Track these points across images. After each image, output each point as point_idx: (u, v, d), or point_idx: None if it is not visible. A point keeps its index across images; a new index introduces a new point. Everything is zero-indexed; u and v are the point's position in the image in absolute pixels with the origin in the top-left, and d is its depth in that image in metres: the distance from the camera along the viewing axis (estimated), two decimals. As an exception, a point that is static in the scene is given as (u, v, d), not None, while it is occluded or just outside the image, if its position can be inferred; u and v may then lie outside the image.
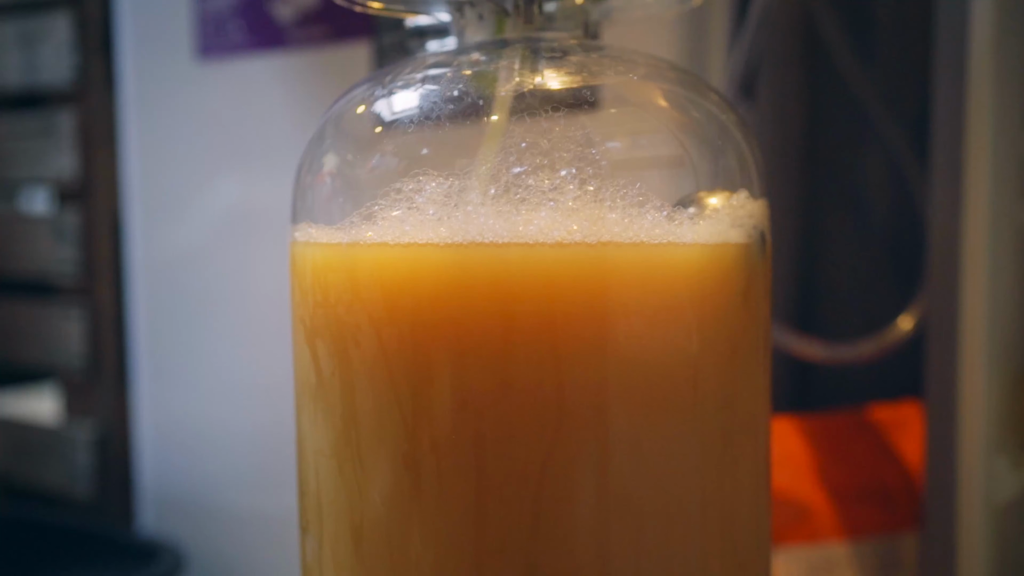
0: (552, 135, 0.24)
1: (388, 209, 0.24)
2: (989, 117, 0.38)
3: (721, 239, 0.25)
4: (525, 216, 0.23)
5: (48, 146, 0.65)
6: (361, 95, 0.28)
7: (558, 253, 0.23)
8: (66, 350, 0.65)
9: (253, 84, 0.53)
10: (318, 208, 0.28)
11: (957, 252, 0.39)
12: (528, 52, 0.26)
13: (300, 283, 0.27)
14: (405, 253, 0.24)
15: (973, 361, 0.38)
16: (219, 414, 0.58)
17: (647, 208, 0.24)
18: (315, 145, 0.29)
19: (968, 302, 0.38)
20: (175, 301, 0.59)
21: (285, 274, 0.50)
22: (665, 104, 0.27)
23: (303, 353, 0.27)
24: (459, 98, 0.25)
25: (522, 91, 0.25)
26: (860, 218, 0.48)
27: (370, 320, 0.24)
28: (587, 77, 0.26)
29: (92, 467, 0.64)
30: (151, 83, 0.58)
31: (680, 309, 0.24)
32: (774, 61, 0.46)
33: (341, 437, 0.26)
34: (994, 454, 0.39)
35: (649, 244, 0.24)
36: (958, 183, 0.38)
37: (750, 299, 0.26)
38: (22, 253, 0.67)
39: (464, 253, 0.23)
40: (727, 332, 0.26)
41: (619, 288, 0.24)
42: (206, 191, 0.56)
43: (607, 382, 0.24)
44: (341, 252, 0.25)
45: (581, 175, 0.24)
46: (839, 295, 0.49)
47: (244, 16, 0.53)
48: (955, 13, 0.38)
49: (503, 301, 0.23)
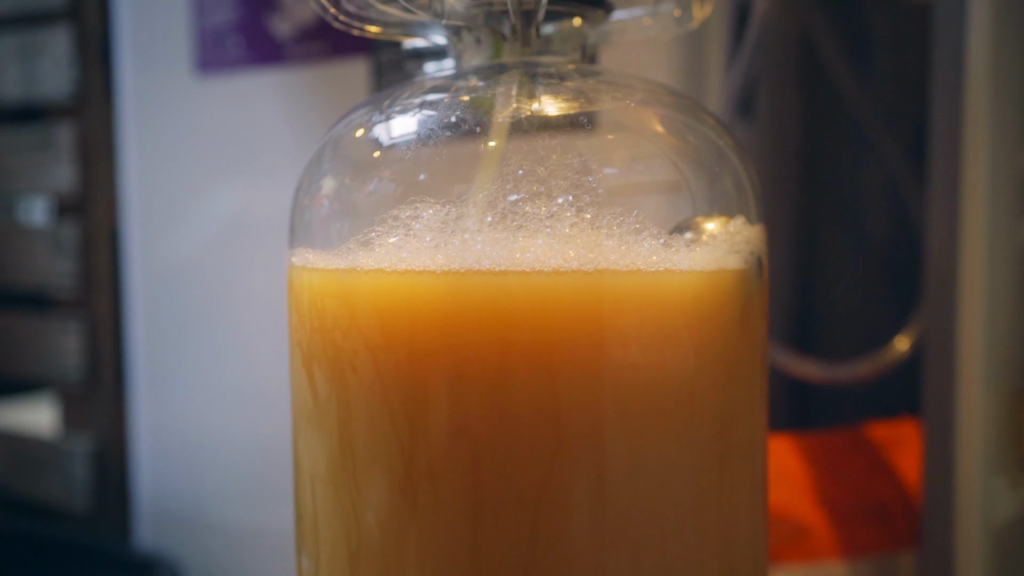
0: (549, 162, 0.24)
1: (385, 236, 0.24)
2: (986, 135, 0.38)
3: (718, 266, 0.25)
4: (522, 244, 0.23)
5: (47, 159, 0.65)
6: (360, 119, 0.28)
7: (555, 281, 0.23)
8: (64, 363, 0.65)
9: (251, 99, 0.53)
10: (315, 230, 0.28)
11: (954, 270, 0.39)
12: (525, 78, 0.26)
13: (297, 307, 0.27)
14: (402, 280, 0.24)
15: (971, 380, 0.38)
16: (217, 427, 0.57)
17: (644, 235, 0.24)
18: (313, 167, 0.29)
19: (965, 320, 0.38)
20: (173, 314, 0.59)
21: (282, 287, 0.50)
22: (662, 130, 0.27)
23: (300, 377, 0.27)
24: (456, 124, 0.25)
25: (519, 118, 0.25)
26: (857, 235, 0.48)
27: (367, 346, 0.24)
28: (584, 103, 0.26)
29: (89, 480, 0.64)
30: (150, 97, 0.58)
31: (677, 336, 0.24)
32: (771, 79, 0.46)
33: (338, 462, 0.26)
34: (992, 474, 0.39)
35: (646, 272, 0.24)
36: (955, 201, 0.39)
37: (747, 324, 0.26)
38: (21, 265, 0.67)
39: (461, 281, 0.23)
40: (724, 358, 0.26)
41: (616, 316, 0.24)
42: (204, 204, 0.56)
43: (603, 409, 0.24)
44: (338, 278, 0.25)
45: (578, 203, 0.24)
46: (836, 312, 0.49)
47: (243, 32, 0.53)
48: (952, 31, 0.38)
49: (500, 328, 0.23)
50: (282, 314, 0.55)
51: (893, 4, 0.47)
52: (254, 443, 0.56)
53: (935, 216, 0.39)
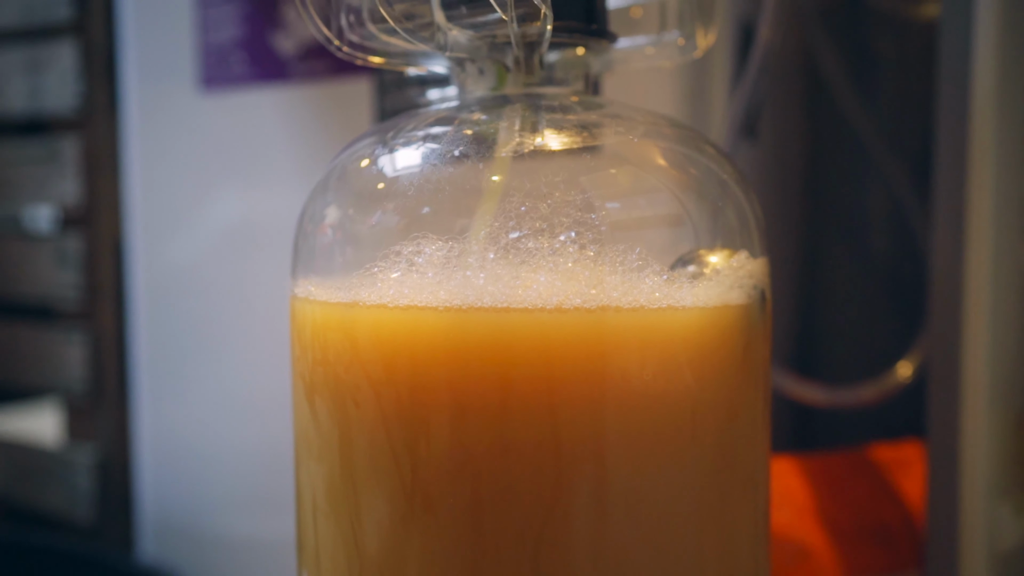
0: (552, 199, 0.24)
1: (388, 270, 0.24)
2: (992, 156, 0.38)
3: (721, 301, 0.25)
4: (524, 281, 0.23)
5: (52, 172, 0.65)
6: (365, 149, 0.28)
7: (557, 318, 0.23)
8: (68, 374, 0.65)
9: (255, 116, 0.53)
10: (319, 258, 0.28)
11: (959, 292, 0.38)
12: (528, 111, 0.26)
13: (299, 338, 0.27)
14: (404, 316, 0.24)
15: (975, 404, 0.38)
16: (219, 439, 0.57)
17: (646, 272, 0.24)
18: (319, 194, 0.29)
19: (970, 343, 0.38)
20: (176, 326, 0.59)
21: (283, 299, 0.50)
22: (664, 163, 0.27)
23: (302, 408, 0.27)
24: (460, 159, 0.25)
25: (522, 152, 0.25)
26: (861, 256, 0.48)
27: (369, 381, 0.24)
28: (587, 138, 0.26)
29: (92, 491, 0.64)
30: (154, 111, 0.58)
31: (679, 372, 0.24)
32: (775, 99, 0.46)
33: (340, 494, 0.26)
34: (997, 499, 0.38)
35: (648, 309, 0.24)
36: (960, 223, 0.38)
37: (749, 359, 0.26)
38: (26, 277, 0.67)
39: (463, 317, 0.23)
40: (726, 392, 0.26)
41: (618, 353, 0.24)
42: (207, 217, 0.56)
43: (605, 445, 0.24)
44: (340, 312, 0.25)
45: (581, 239, 0.24)
46: (840, 333, 0.49)
47: (247, 49, 0.53)
48: (958, 50, 0.38)
49: (501, 366, 0.23)
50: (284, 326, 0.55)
51: (898, 23, 0.47)
52: (257, 454, 0.56)
53: (940, 238, 0.38)
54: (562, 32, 0.27)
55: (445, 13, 0.26)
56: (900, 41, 0.48)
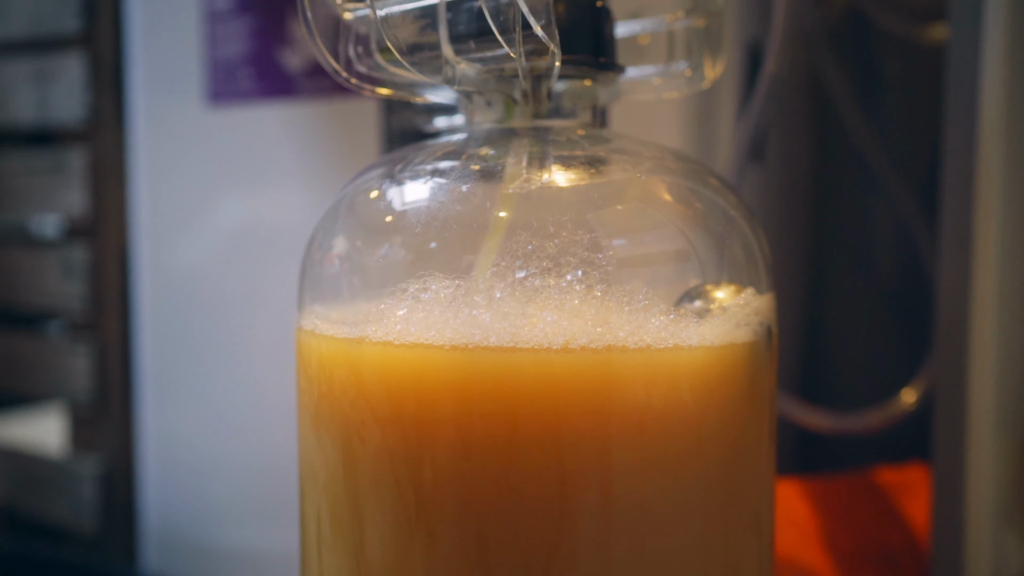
0: (560, 238, 0.24)
1: (394, 307, 0.24)
2: (1000, 180, 0.38)
3: (727, 340, 0.25)
4: (531, 320, 0.23)
5: (59, 182, 0.65)
6: (374, 180, 0.28)
7: (563, 359, 0.23)
8: (73, 384, 0.66)
9: (261, 131, 0.53)
10: (326, 287, 0.28)
11: (965, 317, 0.38)
12: (536, 147, 0.26)
13: (305, 371, 0.27)
14: (410, 354, 0.24)
15: (981, 431, 0.38)
16: (224, 451, 0.58)
17: (653, 311, 0.24)
18: (328, 223, 0.29)
19: (976, 369, 0.38)
20: (182, 337, 0.59)
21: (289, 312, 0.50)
22: (669, 198, 0.27)
23: (308, 440, 0.27)
24: (467, 195, 0.25)
25: (529, 189, 0.25)
26: (867, 279, 0.48)
27: (374, 418, 0.24)
28: (594, 174, 0.26)
29: (97, 502, 0.65)
30: (161, 124, 0.59)
31: (685, 412, 0.24)
32: (781, 121, 0.46)
33: (344, 527, 0.26)
34: (1002, 527, 0.38)
35: (655, 349, 0.24)
36: (967, 247, 0.38)
37: (755, 395, 0.26)
38: (31, 287, 0.67)
39: (468, 357, 0.23)
40: (732, 431, 0.26)
41: (624, 393, 0.24)
42: (213, 230, 0.57)
43: (610, 486, 0.24)
44: (346, 348, 0.25)
45: (587, 279, 0.24)
46: (845, 356, 0.49)
47: (254, 64, 0.53)
48: (966, 72, 0.38)
49: (507, 405, 0.23)
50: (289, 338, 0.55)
51: (904, 45, 0.47)
52: (262, 466, 0.56)
53: (946, 261, 0.38)
54: (570, 65, 0.27)
55: (453, 47, 0.26)
56: (906, 63, 0.47)
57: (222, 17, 0.54)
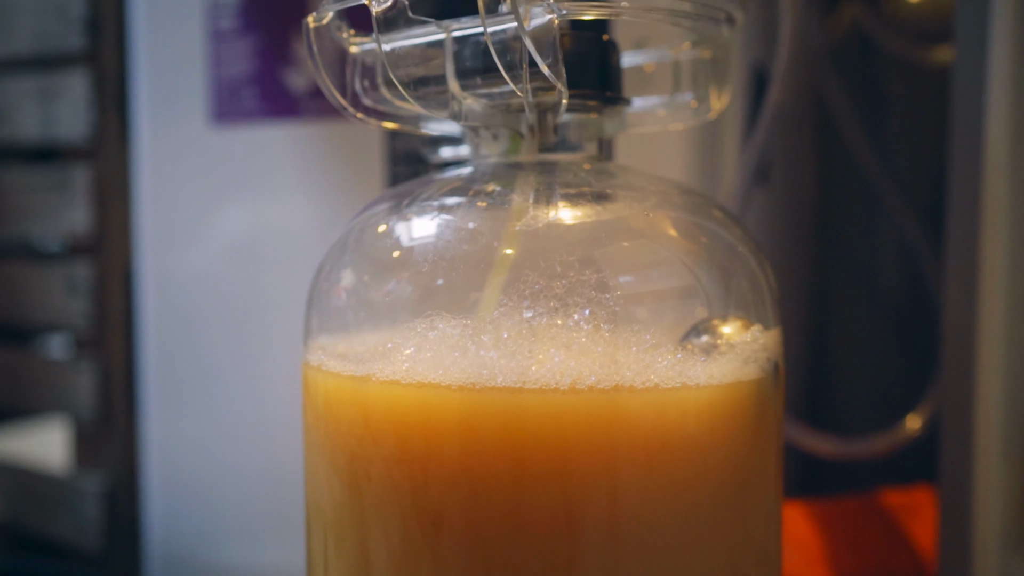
0: (567, 278, 0.24)
1: (401, 346, 0.24)
2: (1006, 202, 0.38)
3: (735, 378, 0.25)
4: (538, 360, 0.23)
5: (63, 199, 0.65)
6: (382, 214, 0.28)
7: (571, 399, 0.23)
8: (76, 401, 0.66)
9: (266, 151, 0.53)
10: (332, 319, 0.28)
11: (972, 340, 0.38)
12: (542, 183, 0.26)
13: (312, 406, 0.27)
14: (417, 393, 0.24)
15: (987, 456, 0.38)
16: (229, 469, 0.58)
17: (661, 351, 0.24)
18: (336, 255, 0.29)
19: (983, 393, 0.38)
20: (186, 355, 0.59)
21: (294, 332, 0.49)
22: (675, 234, 0.27)
23: (315, 476, 0.27)
24: (474, 233, 0.25)
25: (536, 227, 0.25)
26: (872, 301, 0.48)
27: (381, 456, 0.24)
28: (600, 211, 0.26)
29: (101, 520, 0.64)
30: (165, 143, 0.59)
31: (693, 451, 0.24)
32: (786, 143, 0.46)
33: (351, 565, 0.26)
34: (1009, 553, 0.38)
35: (662, 388, 0.24)
36: (973, 269, 0.38)
37: (762, 431, 0.26)
38: (35, 304, 0.67)
39: (476, 397, 0.23)
40: (739, 467, 0.26)
41: (631, 433, 0.23)
42: (217, 248, 0.57)
43: (617, 525, 0.24)
44: (353, 386, 0.25)
45: (595, 319, 0.24)
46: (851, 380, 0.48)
47: (258, 84, 0.53)
48: (971, 94, 0.38)
49: (515, 446, 0.23)
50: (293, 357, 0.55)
51: (909, 67, 0.47)
52: (266, 484, 0.56)
53: (952, 285, 0.38)
54: (577, 99, 0.27)
55: (460, 82, 0.26)
56: (911, 84, 0.47)
57: (226, 37, 0.54)
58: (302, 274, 0.52)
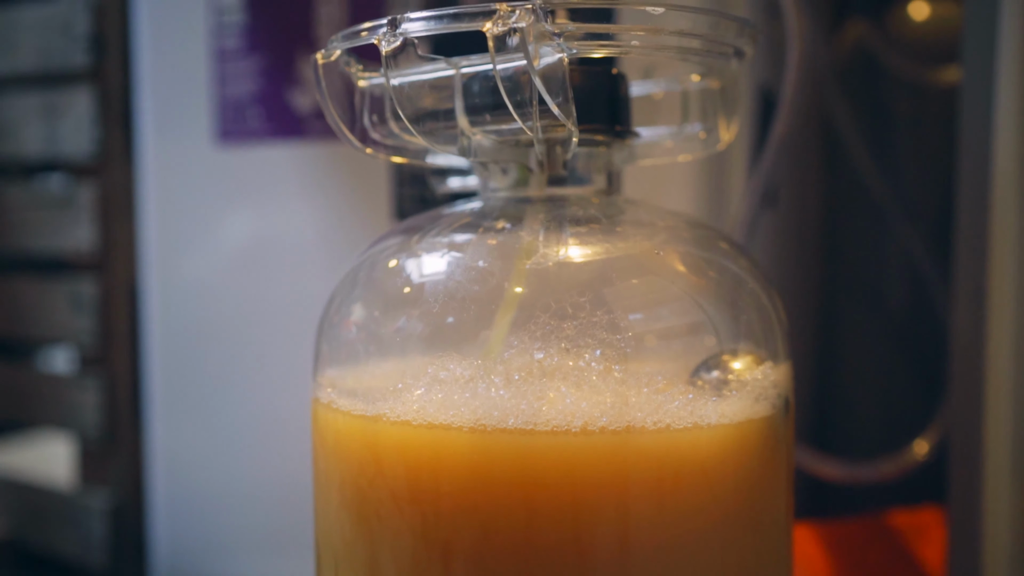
0: (578, 319, 0.24)
1: (412, 386, 0.24)
2: (1014, 225, 0.37)
3: (745, 416, 0.25)
4: (549, 402, 0.23)
5: (67, 216, 0.65)
6: (393, 249, 0.28)
7: (582, 441, 0.23)
8: (82, 418, 0.66)
9: (271, 171, 0.53)
10: (343, 352, 0.28)
11: (980, 363, 0.38)
12: (552, 220, 0.26)
13: (322, 443, 0.27)
14: (428, 435, 0.24)
15: (997, 477, 0.38)
16: (235, 486, 0.58)
17: (672, 391, 0.24)
18: (347, 287, 0.29)
19: (992, 415, 0.38)
20: (192, 372, 0.59)
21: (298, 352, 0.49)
22: (684, 270, 0.27)
23: (325, 513, 0.27)
24: (484, 276, 0.25)
25: (546, 265, 0.25)
26: (880, 324, 0.48)
27: (392, 496, 0.24)
28: (610, 249, 0.26)
29: (106, 536, 0.64)
30: (170, 161, 0.59)
31: (704, 489, 0.24)
32: (793, 165, 0.46)
33: (361, 602, 0.26)
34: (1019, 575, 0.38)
35: (674, 429, 0.23)
36: (982, 293, 0.38)
37: (773, 466, 0.26)
38: (39, 320, 0.67)
39: (487, 439, 0.23)
40: (750, 504, 0.25)
41: (643, 474, 0.23)
42: (223, 266, 0.57)
43: (629, 565, 0.24)
44: (364, 425, 0.25)
45: (606, 360, 0.24)
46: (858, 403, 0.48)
47: (263, 104, 0.53)
48: (979, 115, 0.38)
49: (527, 487, 0.23)
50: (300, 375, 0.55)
51: (915, 87, 0.47)
52: (273, 501, 0.56)
53: (960, 308, 0.38)
54: (587, 133, 0.27)
55: (469, 118, 0.26)
56: (917, 105, 0.47)
57: (231, 56, 0.54)
58: (307, 292, 0.52)
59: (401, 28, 0.24)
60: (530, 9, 0.23)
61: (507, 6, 0.23)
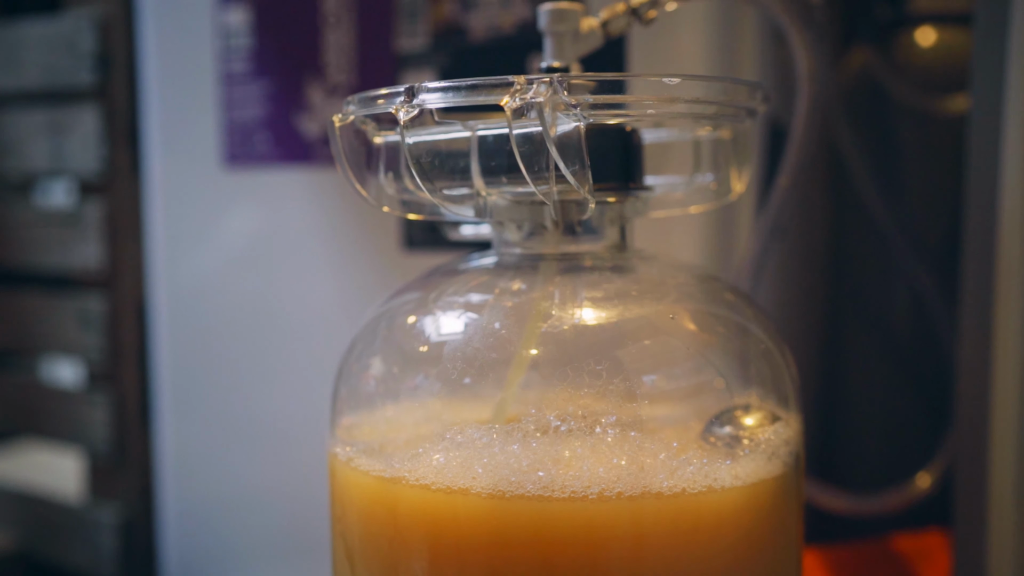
0: (594, 387, 0.24)
1: (431, 451, 0.25)
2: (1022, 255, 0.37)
3: (759, 477, 0.25)
4: (566, 469, 0.24)
5: (75, 234, 0.65)
6: (411, 305, 0.28)
7: (598, 507, 0.23)
8: (91, 434, 0.66)
9: (277, 194, 0.53)
10: (360, 403, 0.29)
11: (986, 394, 0.38)
12: (566, 281, 0.27)
13: (340, 499, 0.28)
14: (446, 499, 0.24)
15: (1002, 505, 0.38)
16: (245, 501, 0.58)
17: (687, 456, 0.24)
18: (367, 340, 0.29)
19: (998, 444, 0.38)
20: (200, 387, 0.60)
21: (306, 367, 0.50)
22: (695, 328, 0.27)
23: (343, 569, 0.27)
24: (499, 335, 0.25)
25: (561, 329, 0.25)
26: (885, 354, 0.48)
27: (410, 557, 0.25)
28: (623, 311, 0.26)
29: (116, 551, 0.65)
30: (177, 181, 0.59)
31: (718, 550, 0.25)
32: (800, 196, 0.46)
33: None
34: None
35: (690, 493, 0.24)
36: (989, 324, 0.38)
37: (785, 521, 0.27)
38: (48, 337, 0.68)
39: (505, 505, 0.24)
40: (761, 558, 0.26)
41: (658, 537, 0.24)
42: (229, 281, 0.57)
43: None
44: (383, 487, 0.25)
45: (621, 425, 0.24)
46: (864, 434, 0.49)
47: (271, 128, 0.53)
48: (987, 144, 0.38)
49: (544, 552, 0.24)
50: (308, 391, 0.55)
51: (922, 117, 0.47)
52: (283, 515, 0.56)
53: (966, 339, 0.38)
54: (601, 192, 0.27)
55: (485, 180, 0.27)
56: (923, 133, 0.47)
57: (238, 80, 0.54)
58: (314, 312, 0.53)
59: (418, 99, 0.24)
60: (547, 83, 0.23)
61: (524, 79, 0.23)
